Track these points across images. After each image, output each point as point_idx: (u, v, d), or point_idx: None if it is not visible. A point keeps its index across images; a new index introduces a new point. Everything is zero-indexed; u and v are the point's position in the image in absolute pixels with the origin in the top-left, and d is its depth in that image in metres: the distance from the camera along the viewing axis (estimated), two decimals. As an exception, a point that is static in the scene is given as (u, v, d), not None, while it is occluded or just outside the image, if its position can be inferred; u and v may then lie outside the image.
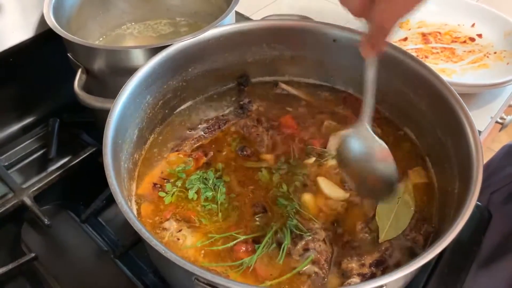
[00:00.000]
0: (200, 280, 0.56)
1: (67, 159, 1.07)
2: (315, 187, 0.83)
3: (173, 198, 0.82)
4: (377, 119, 0.95)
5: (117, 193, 0.61)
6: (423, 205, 0.80)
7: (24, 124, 1.19)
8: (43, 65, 1.13)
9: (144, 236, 0.57)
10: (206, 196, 0.81)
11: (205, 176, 0.84)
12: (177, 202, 0.82)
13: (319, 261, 0.70)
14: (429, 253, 0.57)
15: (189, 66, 0.92)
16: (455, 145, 0.75)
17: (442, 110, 0.79)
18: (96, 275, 0.93)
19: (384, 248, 0.72)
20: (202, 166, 0.87)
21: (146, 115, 0.86)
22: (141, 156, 0.88)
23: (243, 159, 0.88)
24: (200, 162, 0.88)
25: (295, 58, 0.99)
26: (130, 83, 0.78)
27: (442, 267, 0.86)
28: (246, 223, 0.78)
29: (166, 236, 0.76)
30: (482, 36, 1.41)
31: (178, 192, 0.82)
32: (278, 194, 0.81)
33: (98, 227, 1.02)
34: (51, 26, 0.92)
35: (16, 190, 0.99)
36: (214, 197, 0.81)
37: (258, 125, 0.93)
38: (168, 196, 0.81)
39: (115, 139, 0.71)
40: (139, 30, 1.21)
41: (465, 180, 0.67)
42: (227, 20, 0.94)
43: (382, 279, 0.55)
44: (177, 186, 0.83)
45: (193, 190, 0.81)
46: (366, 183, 0.75)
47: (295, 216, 0.77)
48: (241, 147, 0.90)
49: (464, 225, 0.91)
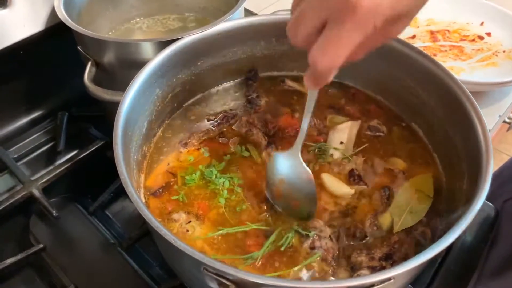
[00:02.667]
0: (209, 270, 0.56)
1: (75, 153, 1.08)
2: (319, 184, 0.83)
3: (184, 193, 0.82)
4: (384, 115, 0.95)
5: (127, 183, 0.62)
6: (432, 201, 0.80)
7: (33, 117, 1.20)
8: (52, 59, 1.14)
9: (154, 225, 0.58)
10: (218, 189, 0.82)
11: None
12: (189, 194, 0.82)
13: (327, 258, 0.71)
14: (437, 246, 0.57)
15: (198, 60, 0.92)
16: (464, 141, 0.75)
17: (452, 106, 0.79)
18: (103, 266, 0.93)
19: (393, 242, 0.72)
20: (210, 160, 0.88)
21: (155, 108, 0.87)
22: (150, 148, 0.88)
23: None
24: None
25: (304, 53, 0.98)
26: (140, 76, 0.79)
27: (448, 264, 0.86)
28: (254, 217, 0.79)
29: (175, 227, 0.76)
30: (491, 35, 1.40)
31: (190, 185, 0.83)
32: None
33: (105, 220, 1.03)
34: (62, 19, 0.92)
35: (25, 182, 0.99)
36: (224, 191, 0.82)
37: (254, 127, 0.93)
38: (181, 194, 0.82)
39: (125, 131, 0.72)
40: (148, 25, 1.21)
41: (474, 176, 0.67)
42: (236, 15, 0.95)
43: (391, 271, 0.55)
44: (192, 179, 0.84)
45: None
46: (288, 203, 0.77)
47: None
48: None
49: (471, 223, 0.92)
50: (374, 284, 0.55)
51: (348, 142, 0.88)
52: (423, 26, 1.44)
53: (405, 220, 0.75)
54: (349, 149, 0.88)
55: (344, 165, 0.84)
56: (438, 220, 0.76)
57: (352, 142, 0.89)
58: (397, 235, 0.74)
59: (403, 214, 0.76)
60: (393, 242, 0.72)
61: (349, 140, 0.88)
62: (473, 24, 1.44)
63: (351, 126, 0.89)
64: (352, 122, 0.91)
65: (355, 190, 0.82)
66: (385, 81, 0.93)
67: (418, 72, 0.85)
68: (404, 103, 0.93)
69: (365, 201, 0.80)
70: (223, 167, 0.85)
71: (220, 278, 0.56)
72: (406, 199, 0.79)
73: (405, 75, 0.89)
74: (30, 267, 0.93)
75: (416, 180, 0.82)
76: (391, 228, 0.76)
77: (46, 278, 0.91)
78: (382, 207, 0.79)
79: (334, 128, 0.90)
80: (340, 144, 0.88)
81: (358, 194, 0.82)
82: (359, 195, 0.82)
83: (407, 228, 0.75)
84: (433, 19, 1.46)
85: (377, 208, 0.79)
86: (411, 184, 0.82)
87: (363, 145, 0.88)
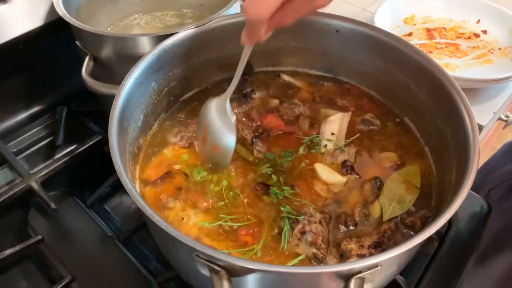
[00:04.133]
0: (200, 256, 0.57)
1: (73, 147, 1.09)
2: (312, 173, 0.85)
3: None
4: (377, 108, 0.97)
5: (121, 172, 0.63)
6: (422, 192, 0.81)
7: (32, 112, 1.22)
8: (51, 54, 1.16)
9: (147, 213, 0.59)
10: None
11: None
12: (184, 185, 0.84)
13: (316, 241, 0.72)
14: (422, 234, 0.58)
15: (194, 54, 0.93)
16: (454, 134, 0.76)
17: (442, 99, 0.80)
18: (101, 259, 0.95)
19: (383, 231, 0.73)
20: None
21: (152, 101, 0.88)
22: (146, 141, 0.90)
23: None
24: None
25: (299, 49, 1.00)
26: (135, 69, 0.80)
27: (440, 258, 0.87)
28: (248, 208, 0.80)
29: (171, 215, 0.77)
30: (487, 33, 1.41)
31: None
32: (271, 183, 0.82)
33: (103, 213, 1.04)
34: (60, 14, 0.94)
35: (24, 175, 1.01)
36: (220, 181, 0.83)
37: (239, 123, 0.93)
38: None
39: (120, 122, 0.73)
40: (146, 21, 1.23)
41: (462, 167, 0.68)
42: (232, 11, 0.96)
43: (377, 257, 0.56)
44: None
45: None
46: (208, 147, 0.85)
47: (287, 203, 0.79)
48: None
49: (463, 216, 0.93)
50: (361, 271, 0.57)
51: (339, 133, 0.90)
52: (420, 24, 1.45)
53: (394, 209, 0.77)
54: (341, 140, 0.89)
55: (337, 155, 0.86)
56: (427, 211, 0.77)
57: (344, 133, 0.90)
58: (387, 224, 0.75)
59: (392, 203, 0.77)
60: (383, 231, 0.73)
61: (340, 130, 0.90)
62: (469, 22, 1.45)
63: (341, 117, 0.91)
64: (342, 114, 0.92)
65: (347, 179, 0.83)
66: (378, 76, 0.94)
67: (410, 67, 0.87)
68: (396, 97, 0.94)
69: (356, 191, 0.82)
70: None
71: (211, 264, 0.57)
72: (394, 190, 0.80)
73: (397, 70, 0.90)
74: (29, 259, 0.94)
75: (404, 171, 0.84)
76: (381, 217, 0.77)
77: (45, 270, 0.93)
78: (372, 197, 0.80)
79: (325, 120, 0.92)
80: (332, 135, 0.89)
81: (349, 184, 0.83)
82: (351, 184, 0.83)
83: (397, 218, 0.77)
84: (430, 17, 1.47)
85: (368, 198, 0.80)
86: (399, 175, 0.83)
87: (354, 136, 0.90)
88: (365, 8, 1.62)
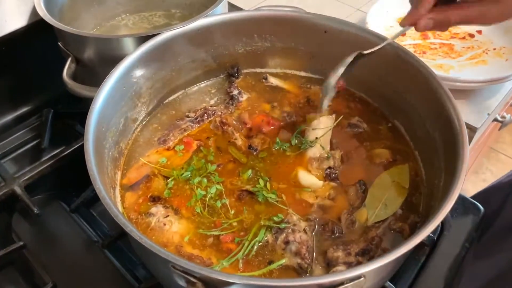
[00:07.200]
0: (176, 267, 0.56)
1: (60, 150, 1.07)
2: (295, 179, 0.83)
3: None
4: (368, 112, 0.95)
5: (96, 179, 0.61)
6: (410, 197, 0.80)
7: (18, 114, 1.20)
8: (37, 55, 1.14)
9: (120, 222, 0.57)
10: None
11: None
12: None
13: (301, 251, 0.70)
14: (408, 243, 0.56)
15: (178, 56, 0.91)
16: (443, 138, 0.75)
17: (431, 102, 0.78)
18: (85, 264, 0.92)
19: (370, 238, 0.71)
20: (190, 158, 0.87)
21: (133, 104, 0.86)
22: (128, 145, 0.88)
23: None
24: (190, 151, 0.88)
25: (287, 50, 0.98)
26: (115, 71, 0.78)
27: (432, 264, 0.85)
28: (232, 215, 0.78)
29: (153, 221, 0.75)
30: (482, 33, 1.39)
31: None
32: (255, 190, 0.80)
33: (89, 218, 1.02)
34: (41, 14, 0.92)
35: (7, 179, 0.99)
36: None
37: (229, 126, 0.92)
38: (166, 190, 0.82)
39: (98, 126, 0.71)
40: (133, 21, 1.21)
41: (451, 171, 0.66)
42: (218, 10, 0.94)
43: (360, 268, 0.54)
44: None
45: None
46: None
47: (272, 212, 0.77)
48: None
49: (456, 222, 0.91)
50: (344, 282, 0.54)
51: (325, 138, 0.87)
52: (414, 24, 1.43)
53: (380, 212, 0.75)
54: (326, 143, 0.87)
55: (322, 160, 0.84)
56: (416, 217, 0.75)
57: (329, 137, 0.88)
58: (374, 231, 0.73)
59: (379, 206, 0.75)
60: (371, 238, 0.71)
61: (326, 135, 0.88)
62: (464, 22, 1.43)
63: (325, 121, 0.89)
64: (326, 117, 0.90)
65: (331, 186, 0.81)
66: (367, 78, 0.92)
67: (399, 69, 0.85)
68: (386, 100, 0.92)
69: (341, 196, 0.80)
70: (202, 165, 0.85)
71: (187, 275, 0.55)
72: (381, 191, 0.78)
73: (386, 72, 0.88)
74: (12, 265, 0.92)
75: (392, 171, 0.82)
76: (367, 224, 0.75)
77: (28, 276, 0.90)
78: (358, 201, 0.78)
79: (310, 124, 0.90)
80: (316, 140, 0.87)
81: (334, 190, 0.81)
82: (336, 190, 0.81)
83: (384, 224, 0.74)
84: (424, 17, 1.45)
85: (354, 202, 0.78)
86: (388, 175, 0.82)
87: (342, 140, 0.88)
88: (359, 8, 1.60)
